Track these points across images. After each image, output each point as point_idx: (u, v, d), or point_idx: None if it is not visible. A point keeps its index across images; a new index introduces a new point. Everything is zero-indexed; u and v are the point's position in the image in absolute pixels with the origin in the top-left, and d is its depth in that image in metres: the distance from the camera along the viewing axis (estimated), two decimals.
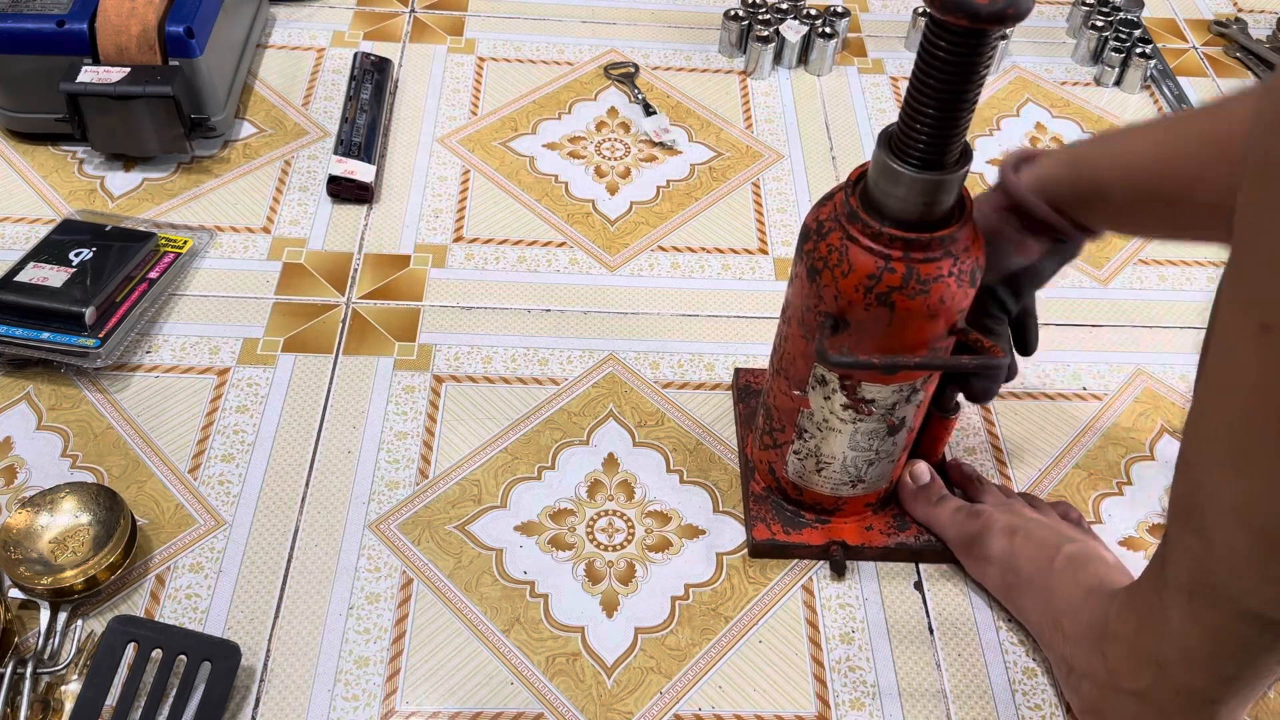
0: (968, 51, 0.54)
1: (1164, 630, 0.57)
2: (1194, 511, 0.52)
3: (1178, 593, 0.56)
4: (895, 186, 0.58)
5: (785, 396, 0.70)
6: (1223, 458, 0.49)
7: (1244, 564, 0.50)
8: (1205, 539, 0.52)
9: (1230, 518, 0.50)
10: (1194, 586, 0.55)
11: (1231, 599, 0.53)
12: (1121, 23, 1.18)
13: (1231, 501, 0.49)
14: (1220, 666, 0.56)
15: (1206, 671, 0.56)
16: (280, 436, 0.79)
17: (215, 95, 0.98)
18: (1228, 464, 0.49)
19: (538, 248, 0.94)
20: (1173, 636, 0.57)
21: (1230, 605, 0.53)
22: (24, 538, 0.69)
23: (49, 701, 0.65)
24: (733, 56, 1.16)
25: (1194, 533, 0.53)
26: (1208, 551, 0.52)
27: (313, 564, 0.73)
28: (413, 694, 0.67)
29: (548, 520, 0.76)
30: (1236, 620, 0.53)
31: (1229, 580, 0.52)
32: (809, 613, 0.73)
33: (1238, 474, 0.48)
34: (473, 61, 1.13)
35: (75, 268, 0.84)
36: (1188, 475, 0.53)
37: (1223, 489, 0.49)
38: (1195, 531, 0.53)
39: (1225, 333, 0.48)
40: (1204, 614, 0.55)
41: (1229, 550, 0.50)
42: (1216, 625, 0.54)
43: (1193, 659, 0.56)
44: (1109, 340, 0.91)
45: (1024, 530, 0.70)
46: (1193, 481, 0.52)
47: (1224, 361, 0.48)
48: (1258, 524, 0.48)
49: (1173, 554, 0.56)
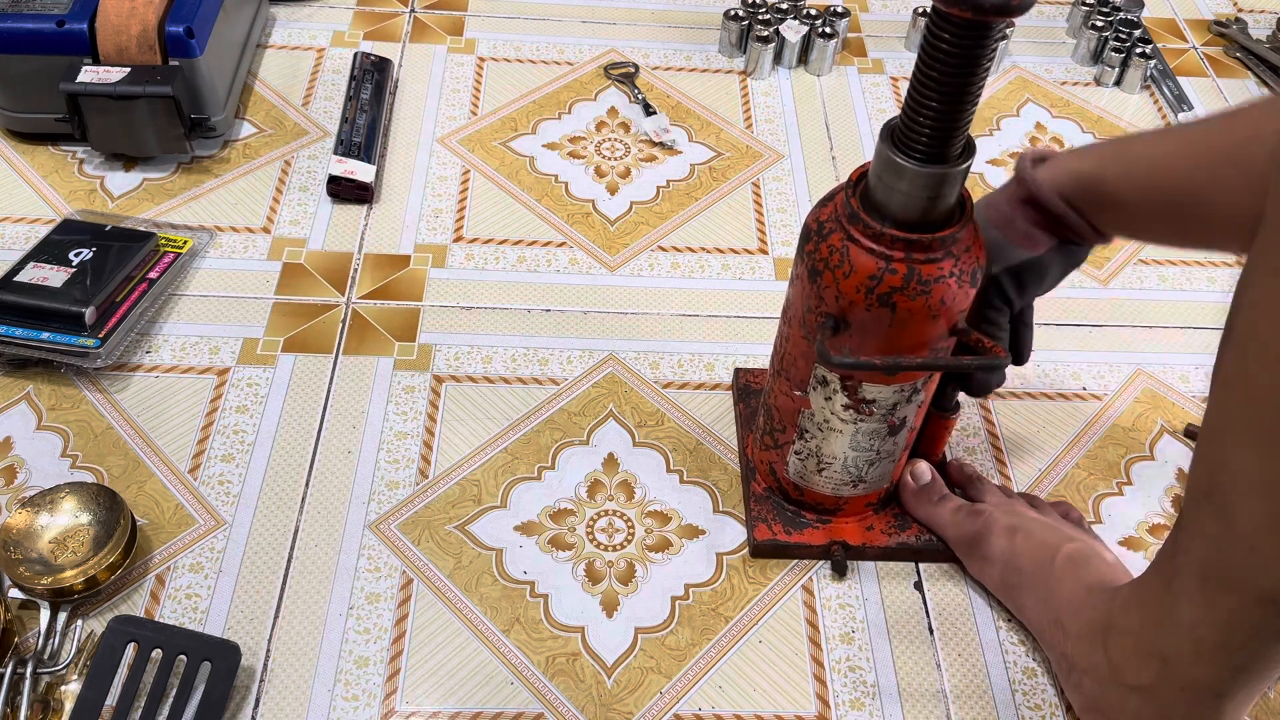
0: (971, 44, 0.54)
1: (1171, 622, 0.57)
2: (1215, 490, 0.52)
3: (1190, 580, 0.56)
4: (898, 180, 0.58)
5: (786, 397, 0.70)
6: (1248, 434, 0.50)
7: (1265, 542, 0.50)
8: (1225, 519, 0.52)
9: (1254, 494, 0.50)
10: (1208, 571, 0.55)
11: (1248, 581, 0.53)
12: (1121, 23, 1.18)
13: (1256, 478, 0.49)
14: (1230, 656, 0.56)
15: (1215, 662, 0.56)
16: (280, 436, 0.79)
17: (215, 95, 0.98)
18: (1253, 441, 0.49)
19: (537, 248, 0.94)
20: (1180, 628, 0.57)
21: (1246, 588, 0.53)
22: (24, 538, 0.69)
23: (49, 701, 0.65)
24: (733, 56, 1.16)
25: (1214, 512, 0.53)
26: (1227, 532, 0.52)
27: (313, 564, 0.73)
28: (413, 694, 0.67)
29: (548, 520, 0.76)
30: (1251, 604, 0.53)
31: (1247, 560, 0.52)
32: (809, 613, 0.73)
33: (1263, 451, 0.49)
34: (473, 61, 1.13)
35: (75, 268, 0.84)
36: (1210, 453, 0.53)
37: (1247, 465, 0.50)
38: (1215, 511, 0.53)
39: (1257, 307, 0.48)
40: (1217, 600, 0.55)
41: (1251, 528, 0.51)
42: (1229, 611, 0.54)
43: (1201, 649, 0.56)
44: (1109, 340, 0.91)
45: (1025, 529, 0.70)
46: (1215, 460, 0.53)
47: (1256, 334, 0.49)
48: None
49: (1186, 540, 0.56)
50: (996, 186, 0.78)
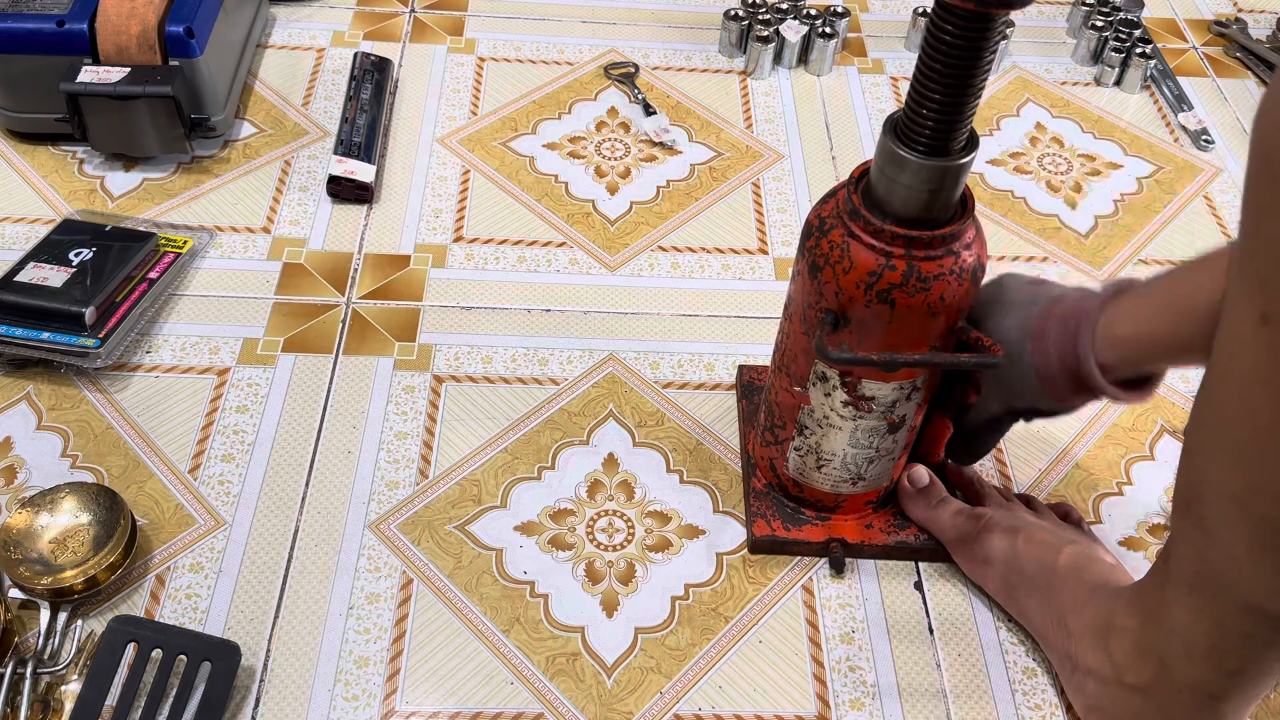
0: (975, 36, 0.54)
1: (1167, 624, 0.58)
2: (1196, 502, 0.53)
3: (1180, 586, 0.56)
4: (900, 173, 0.58)
5: (786, 393, 0.70)
6: (1224, 447, 0.50)
7: (1244, 555, 0.50)
8: (1206, 530, 0.52)
9: (1231, 508, 0.50)
10: (1195, 580, 0.55)
11: (1231, 591, 0.53)
12: (1121, 23, 1.18)
13: (1232, 491, 0.49)
14: (1222, 661, 0.56)
15: (1208, 666, 0.56)
16: (280, 436, 0.79)
17: (215, 95, 0.98)
18: (1229, 454, 0.49)
19: (538, 248, 0.94)
20: (1175, 631, 0.57)
21: (1230, 598, 0.53)
22: (24, 538, 0.69)
23: (49, 701, 0.65)
24: (733, 56, 1.16)
25: (1195, 524, 0.53)
26: (1209, 543, 0.52)
27: (313, 564, 0.73)
28: (413, 694, 0.67)
29: (548, 520, 0.76)
30: (1237, 613, 0.53)
31: (1229, 571, 0.52)
32: (809, 613, 0.72)
33: (1238, 464, 0.49)
34: (473, 61, 1.13)
35: (75, 268, 0.84)
36: (1191, 466, 0.53)
37: (1224, 479, 0.50)
38: (1196, 522, 0.53)
39: (1228, 323, 0.48)
40: (1205, 608, 0.55)
41: (1230, 541, 0.51)
42: (1217, 619, 0.54)
43: (1195, 653, 0.56)
44: None
45: (1025, 531, 0.70)
46: (1195, 472, 0.53)
47: (1226, 351, 0.49)
48: (1258, 514, 0.48)
49: (1176, 547, 0.56)
50: (1044, 275, 0.69)
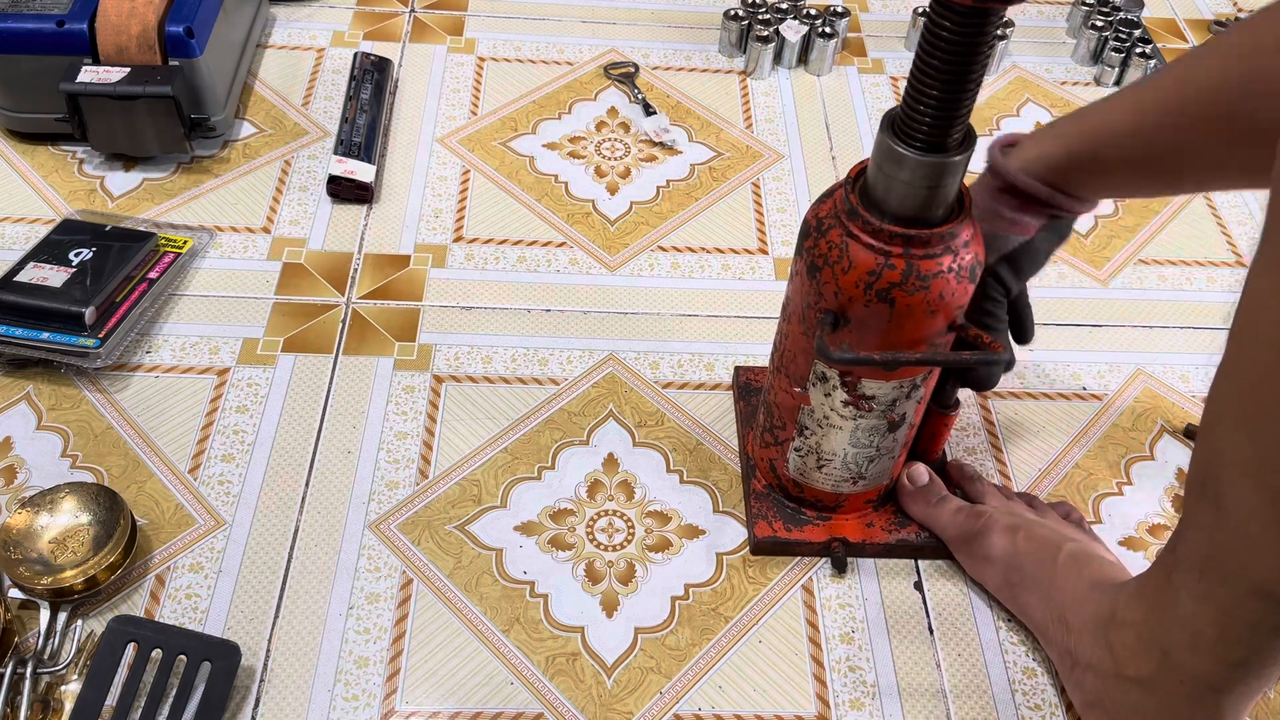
0: (972, 31, 0.54)
1: (1172, 614, 0.58)
2: (1210, 480, 0.53)
3: (1189, 572, 0.56)
4: (898, 170, 0.58)
5: (786, 393, 0.70)
6: (1240, 420, 0.50)
7: (1259, 532, 0.51)
8: (1220, 507, 0.52)
9: (1246, 481, 0.50)
10: (1205, 564, 0.55)
11: (1242, 574, 0.53)
12: (1121, 23, 1.18)
13: (1247, 464, 0.50)
14: (1228, 650, 0.56)
15: (1213, 656, 0.56)
16: (280, 436, 0.79)
17: (215, 95, 0.98)
18: (1245, 426, 0.50)
19: (538, 248, 0.94)
20: (1181, 620, 0.57)
21: (1241, 580, 0.53)
22: (24, 538, 0.69)
23: (49, 701, 0.65)
24: (733, 56, 1.16)
25: (1209, 501, 0.53)
26: (1221, 521, 0.53)
27: (313, 564, 0.73)
28: (413, 694, 0.67)
29: (548, 520, 0.76)
30: (1246, 597, 0.53)
31: (1241, 549, 0.52)
32: (809, 612, 0.72)
33: (1254, 436, 0.49)
34: (473, 61, 1.13)
35: (75, 268, 0.84)
36: (1206, 442, 0.54)
37: (1239, 452, 0.50)
38: (1210, 500, 0.53)
39: (1251, 295, 0.49)
40: (1214, 593, 0.55)
41: (1243, 516, 0.51)
42: (1226, 605, 0.55)
43: (1200, 642, 0.57)
44: (1109, 340, 0.91)
45: (1026, 529, 0.70)
46: (1211, 448, 0.53)
47: (1247, 324, 0.50)
48: (1273, 486, 0.49)
49: (1186, 531, 0.57)
50: None
